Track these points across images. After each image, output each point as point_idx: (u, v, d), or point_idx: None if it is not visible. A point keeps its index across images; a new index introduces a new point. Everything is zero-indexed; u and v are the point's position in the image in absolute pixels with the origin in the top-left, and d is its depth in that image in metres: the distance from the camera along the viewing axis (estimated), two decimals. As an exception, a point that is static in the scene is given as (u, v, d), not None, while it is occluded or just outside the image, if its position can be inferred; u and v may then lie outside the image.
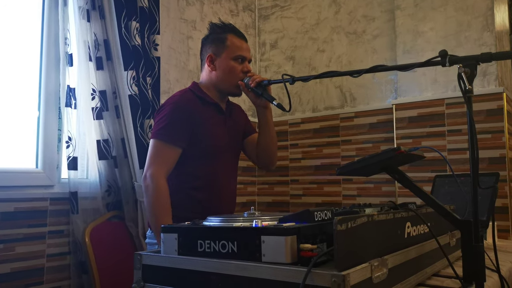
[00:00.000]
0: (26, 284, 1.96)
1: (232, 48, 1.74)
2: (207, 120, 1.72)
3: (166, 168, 1.65)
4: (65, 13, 2.16)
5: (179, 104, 1.70)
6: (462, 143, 2.56)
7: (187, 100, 1.72)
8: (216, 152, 1.74)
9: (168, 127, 1.65)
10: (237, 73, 1.73)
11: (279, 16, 3.52)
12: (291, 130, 3.34)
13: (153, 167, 1.63)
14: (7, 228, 1.91)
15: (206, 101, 1.75)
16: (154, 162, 1.64)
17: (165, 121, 1.67)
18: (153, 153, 1.66)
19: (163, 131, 1.66)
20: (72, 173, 2.12)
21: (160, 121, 1.68)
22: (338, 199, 3.07)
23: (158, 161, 1.65)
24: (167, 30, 2.78)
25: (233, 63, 1.73)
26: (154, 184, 1.61)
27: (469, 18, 2.60)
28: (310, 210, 0.87)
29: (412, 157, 1.11)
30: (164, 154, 1.66)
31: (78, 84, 2.19)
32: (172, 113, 1.68)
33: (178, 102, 1.71)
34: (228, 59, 1.73)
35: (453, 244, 1.28)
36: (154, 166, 1.63)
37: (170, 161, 1.66)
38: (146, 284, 0.95)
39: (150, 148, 1.68)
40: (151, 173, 1.62)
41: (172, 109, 1.69)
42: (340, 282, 0.69)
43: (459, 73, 0.97)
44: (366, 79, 3.03)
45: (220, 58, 1.75)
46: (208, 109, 1.74)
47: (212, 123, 1.73)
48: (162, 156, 1.65)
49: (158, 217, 1.58)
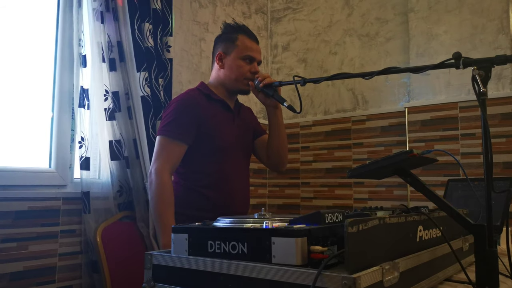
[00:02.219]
0: (38, 283, 1.98)
1: (242, 48, 1.75)
2: (213, 117, 1.72)
3: (171, 163, 1.66)
4: (79, 14, 2.18)
5: (184, 101, 1.72)
6: (475, 147, 2.52)
7: (193, 96, 1.74)
8: (224, 149, 1.74)
9: (172, 123, 1.67)
10: (244, 72, 1.74)
11: (292, 18, 3.52)
12: (303, 133, 3.33)
13: (158, 163, 1.65)
14: (20, 227, 1.94)
15: (212, 97, 1.76)
16: (159, 158, 1.66)
17: (170, 117, 1.69)
18: (158, 149, 1.68)
19: (167, 127, 1.67)
20: (85, 173, 2.14)
21: (166, 118, 1.70)
22: (349, 202, 3.05)
23: (163, 157, 1.66)
24: (179, 32, 2.80)
25: (241, 62, 1.74)
26: (158, 179, 1.62)
27: (484, 21, 2.57)
28: (321, 212, 0.86)
29: (425, 160, 1.10)
30: (169, 149, 1.67)
31: (91, 85, 2.21)
32: (176, 109, 1.69)
33: (183, 99, 1.73)
34: (237, 58, 1.74)
35: (465, 249, 1.26)
36: (159, 162, 1.65)
37: (175, 157, 1.67)
38: (156, 284, 0.95)
39: (155, 145, 1.70)
40: (156, 168, 1.64)
41: (177, 105, 1.71)
42: (351, 285, 0.68)
43: (473, 75, 0.96)
44: (378, 82, 3.01)
45: (229, 56, 1.76)
46: (214, 106, 1.75)
47: (218, 120, 1.74)
48: (167, 152, 1.66)
49: (161, 212, 1.59)
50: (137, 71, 2.27)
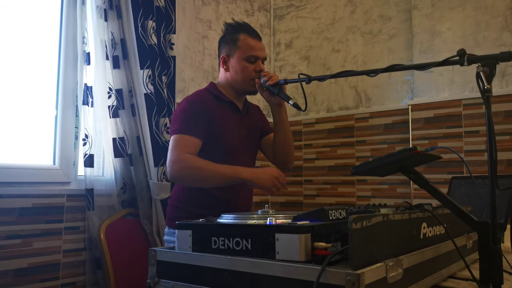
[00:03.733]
0: (42, 279, 1.99)
1: (244, 49, 1.73)
2: (222, 117, 1.72)
3: (188, 152, 1.60)
4: (83, 12, 2.19)
5: (194, 102, 1.71)
6: (479, 145, 2.52)
7: (202, 97, 1.73)
8: (232, 149, 1.73)
9: (184, 122, 1.64)
10: (250, 72, 1.73)
11: (294, 16, 3.51)
12: (305, 130, 3.33)
13: (175, 153, 1.59)
14: (25, 224, 1.95)
15: (221, 99, 1.75)
16: (175, 152, 1.60)
17: (181, 116, 1.66)
18: (173, 145, 1.62)
19: (179, 126, 1.64)
20: (88, 170, 2.14)
21: (177, 118, 1.67)
22: (352, 200, 3.05)
23: (179, 148, 1.60)
24: (183, 29, 2.80)
25: (245, 63, 1.73)
26: (181, 162, 1.57)
27: (487, 18, 2.56)
28: (324, 209, 0.87)
29: (429, 157, 1.10)
30: (184, 142, 1.61)
31: (95, 83, 2.22)
32: (186, 109, 1.68)
33: (193, 100, 1.72)
34: (240, 60, 1.73)
35: (469, 247, 1.26)
36: (176, 152, 1.59)
37: (192, 147, 1.62)
38: (161, 280, 0.96)
39: (170, 145, 1.64)
40: (174, 158, 1.58)
41: (187, 105, 1.69)
42: (355, 281, 0.68)
43: (477, 72, 0.95)
44: (381, 79, 3.00)
45: (232, 58, 1.75)
46: (223, 107, 1.75)
47: (227, 121, 1.73)
48: (182, 143, 1.61)
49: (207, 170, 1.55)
50: (141, 69, 2.28)
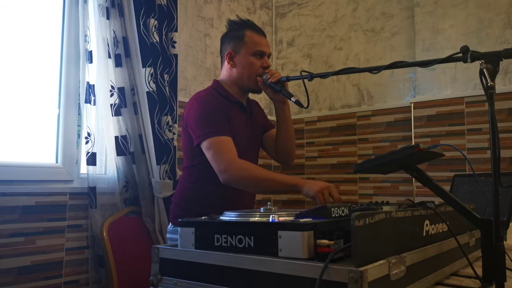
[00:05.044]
0: (45, 277, 2.00)
1: (251, 44, 1.73)
2: (233, 119, 1.71)
3: (234, 153, 1.60)
4: (85, 10, 2.19)
5: (211, 101, 1.68)
6: (482, 142, 2.51)
7: (215, 98, 1.72)
8: (240, 149, 1.73)
9: (212, 124, 1.62)
10: (257, 68, 1.73)
11: (296, 13, 3.50)
12: (308, 128, 3.33)
13: (225, 160, 1.58)
14: (28, 222, 1.95)
15: (231, 100, 1.75)
16: (223, 156, 1.58)
17: (205, 118, 1.63)
18: (215, 150, 1.59)
19: (210, 129, 1.62)
20: (91, 168, 2.15)
21: (200, 122, 1.64)
22: (354, 198, 3.05)
23: (224, 152, 1.59)
24: (184, 27, 2.80)
25: (253, 59, 1.73)
26: (236, 165, 1.56)
27: (490, 15, 2.55)
28: (327, 206, 0.87)
29: (431, 154, 1.10)
30: (224, 145, 1.60)
31: (97, 81, 2.22)
32: (208, 110, 1.65)
33: (209, 99, 1.69)
34: (247, 55, 1.73)
35: (472, 244, 1.26)
36: (225, 158, 1.58)
37: (232, 147, 1.61)
38: (163, 277, 0.96)
39: (207, 151, 1.61)
40: (225, 164, 1.56)
41: (206, 107, 1.66)
42: (358, 278, 0.68)
43: (481, 69, 0.95)
44: (383, 77, 2.99)
45: (239, 54, 1.74)
46: (233, 108, 1.74)
47: (236, 122, 1.73)
48: (224, 147, 1.60)
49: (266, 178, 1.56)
50: (143, 67, 2.28)
